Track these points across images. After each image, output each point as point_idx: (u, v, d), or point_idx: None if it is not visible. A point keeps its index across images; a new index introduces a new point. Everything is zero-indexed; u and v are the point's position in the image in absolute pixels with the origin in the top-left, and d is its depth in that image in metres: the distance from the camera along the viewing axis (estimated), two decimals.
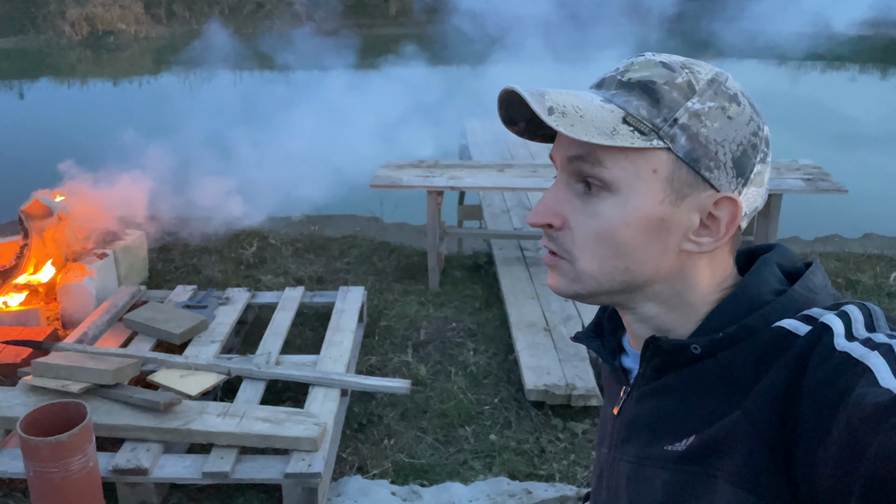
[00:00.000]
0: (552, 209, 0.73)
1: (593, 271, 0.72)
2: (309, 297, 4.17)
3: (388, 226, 6.19)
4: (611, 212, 0.70)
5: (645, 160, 0.68)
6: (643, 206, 0.69)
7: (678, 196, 0.69)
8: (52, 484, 2.32)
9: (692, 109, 0.68)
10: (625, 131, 0.67)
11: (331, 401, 3.10)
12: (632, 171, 0.69)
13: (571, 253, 0.72)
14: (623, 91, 0.70)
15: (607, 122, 0.67)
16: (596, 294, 0.74)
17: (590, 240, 0.71)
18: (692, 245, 0.71)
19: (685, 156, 0.68)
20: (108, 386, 2.96)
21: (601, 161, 0.69)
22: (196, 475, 2.70)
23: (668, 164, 0.68)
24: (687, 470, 0.68)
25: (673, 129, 0.68)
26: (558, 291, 0.76)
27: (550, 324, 3.96)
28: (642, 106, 0.68)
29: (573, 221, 0.72)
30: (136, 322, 3.65)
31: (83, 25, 16.06)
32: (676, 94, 0.69)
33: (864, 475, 0.53)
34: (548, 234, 0.74)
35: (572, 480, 2.97)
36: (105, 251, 4.30)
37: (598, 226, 0.70)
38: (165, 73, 14.48)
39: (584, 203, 0.71)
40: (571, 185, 0.72)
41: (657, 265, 0.71)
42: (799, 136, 8.00)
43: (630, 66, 0.72)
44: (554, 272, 0.75)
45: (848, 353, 0.60)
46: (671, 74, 0.70)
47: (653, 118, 0.68)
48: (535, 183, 4.50)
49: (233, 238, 5.53)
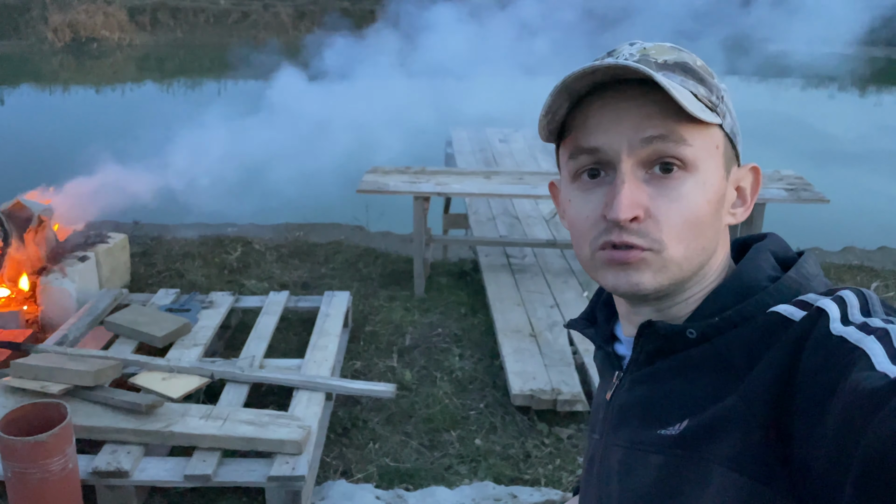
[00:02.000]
0: (635, 201, 0.68)
1: (679, 257, 0.69)
2: (294, 302, 4.14)
3: (372, 234, 6.17)
4: (694, 191, 0.69)
5: (711, 136, 0.70)
6: (715, 181, 0.70)
7: (727, 170, 0.72)
8: (31, 485, 2.28)
9: (723, 87, 0.72)
10: (703, 108, 0.68)
11: (315, 404, 3.07)
12: (707, 147, 0.70)
13: (660, 241, 0.69)
14: (667, 72, 0.69)
15: (691, 98, 0.68)
16: (674, 284, 0.71)
17: (677, 224, 0.69)
18: (731, 217, 0.74)
19: (730, 131, 0.72)
20: (89, 388, 2.91)
21: (685, 138, 0.68)
22: (178, 478, 2.66)
23: (723, 140, 0.72)
24: (680, 454, 0.68)
25: (722, 106, 0.71)
26: (640, 289, 0.70)
27: (536, 330, 3.96)
28: (696, 85, 0.70)
29: (655, 209, 0.69)
30: (117, 324, 3.60)
31: (66, 32, 15.95)
32: (707, 74, 0.71)
33: (860, 459, 0.53)
34: (628, 228, 0.69)
35: (557, 485, 2.96)
36: (86, 254, 4.24)
37: (685, 208, 0.69)
38: (148, 81, 14.40)
39: (660, 188, 0.69)
40: (638, 173, 0.69)
41: (716, 242, 0.73)
42: (780, 151, 8.13)
43: (646, 51, 0.71)
44: (633, 269, 0.70)
45: (844, 338, 0.60)
46: (691, 56, 0.72)
47: (709, 96, 0.70)
48: (522, 190, 4.51)
49: (216, 243, 5.49)
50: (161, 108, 8.61)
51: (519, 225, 5.54)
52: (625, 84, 0.69)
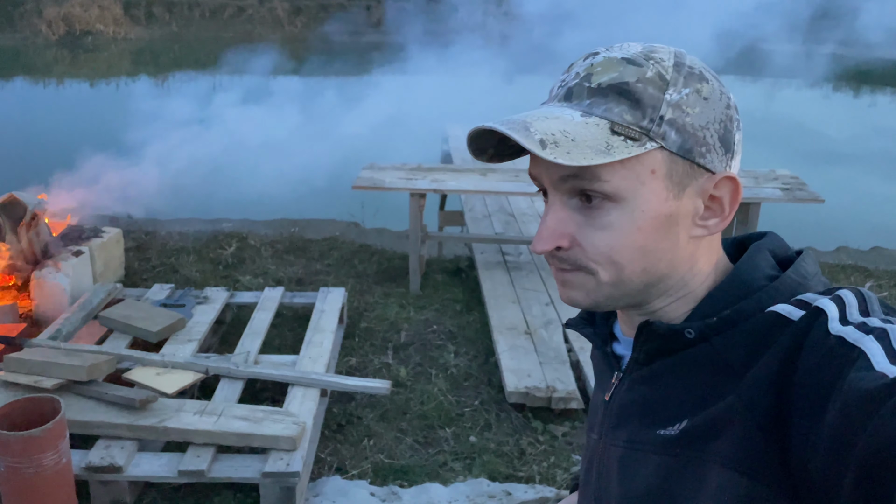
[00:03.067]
0: (557, 231, 0.70)
1: (614, 279, 0.71)
2: (288, 298, 4.13)
3: (367, 230, 6.16)
4: (621, 220, 0.68)
5: (641, 164, 0.67)
6: (650, 207, 0.68)
7: (679, 188, 0.69)
8: (24, 479, 2.26)
9: (672, 101, 0.67)
10: (617, 142, 0.66)
11: (310, 400, 3.06)
12: (631, 177, 0.67)
13: (588, 268, 0.71)
14: (598, 98, 0.68)
15: (598, 138, 0.66)
16: (616, 299, 0.73)
17: (604, 253, 0.69)
18: (701, 230, 0.72)
19: (678, 149, 0.68)
20: (83, 382, 2.90)
21: (598, 175, 0.67)
22: (172, 474, 2.65)
23: (664, 162, 0.68)
24: (679, 454, 0.68)
25: (661, 128, 0.67)
26: (576, 304, 0.74)
27: (531, 327, 3.97)
28: (624, 111, 0.67)
29: (581, 238, 0.70)
30: (111, 319, 3.58)
31: (60, 25, 15.87)
32: (652, 89, 0.67)
33: (858, 458, 0.53)
34: (556, 256, 0.72)
35: (552, 482, 2.96)
36: (81, 248, 4.22)
37: (612, 237, 0.69)
38: (143, 76, 14.34)
39: (588, 217, 0.69)
40: (567, 202, 0.70)
41: (672, 258, 0.71)
42: (774, 150, 8.14)
43: (592, 70, 0.70)
44: (569, 286, 0.73)
45: (842, 337, 0.60)
46: (639, 70, 0.68)
47: (639, 121, 0.67)
48: (518, 187, 4.51)
49: (211, 238, 5.48)
50: (156, 102, 8.57)
51: (514, 222, 5.54)
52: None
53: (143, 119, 7.56)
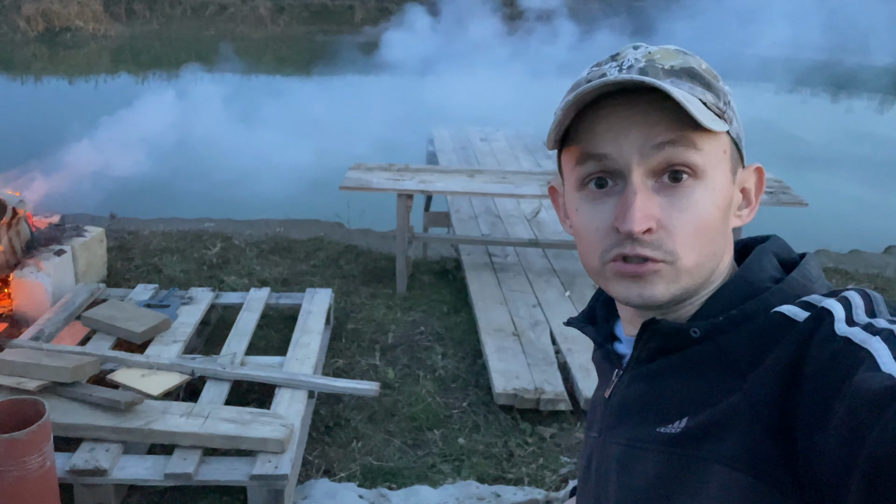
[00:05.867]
0: (647, 213, 0.67)
1: (692, 265, 0.69)
2: (275, 299, 4.10)
3: (352, 231, 6.14)
4: (704, 199, 0.68)
5: (720, 143, 0.70)
6: (724, 187, 0.70)
7: (733, 174, 0.72)
8: (8, 483, 2.22)
9: (728, 91, 0.72)
10: (713, 117, 0.68)
11: (298, 402, 3.04)
12: (716, 153, 0.69)
13: (673, 252, 0.68)
14: (675, 79, 0.69)
15: (702, 107, 0.67)
16: (686, 292, 0.71)
17: (689, 233, 0.68)
18: (737, 220, 0.74)
19: (736, 135, 0.72)
20: (67, 384, 2.85)
21: (696, 144, 0.67)
22: (158, 476, 2.61)
23: (730, 145, 0.71)
24: (680, 453, 0.68)
25: (728, 111, 0.70)
26: (655, 301, 0.70)
27: (519, 329, 3.97)
28: (704, 92, 0.69)
29: (667, 219, 0.68)
30: (95, 320, 3.53)
31: (39, 21, 15.65)
32: (713, 78, 0.71)
33: (865, 460, 0.52)
34: (641, 240, 0.68)
35: (541, 484, 2.96)
36: (63, 248, 4.16)
37: (697, 216, 0.68)
38: (123, 73, 14.18)
39: (671, 198, 0.68)
40: (647, 183, 0.69)
41: (724, 246, 0.72)
42: (756, 154, 8.22)
43: (652, 56, 0.70)
44: (647, 281, 0.69)
45: (849, 338, 0.60)
46: (696, 60, 0.71)
47: (717, 102, 0.69)
48: (505, 189, 4.52)
49: (195, 238, 5.42)
50: (137, 99, 8.47)
51: (501, 224, 5.54)
52: (632, 91, 0.68)
53: (123, 117, 7.48)
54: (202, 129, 7.28)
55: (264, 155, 7.33)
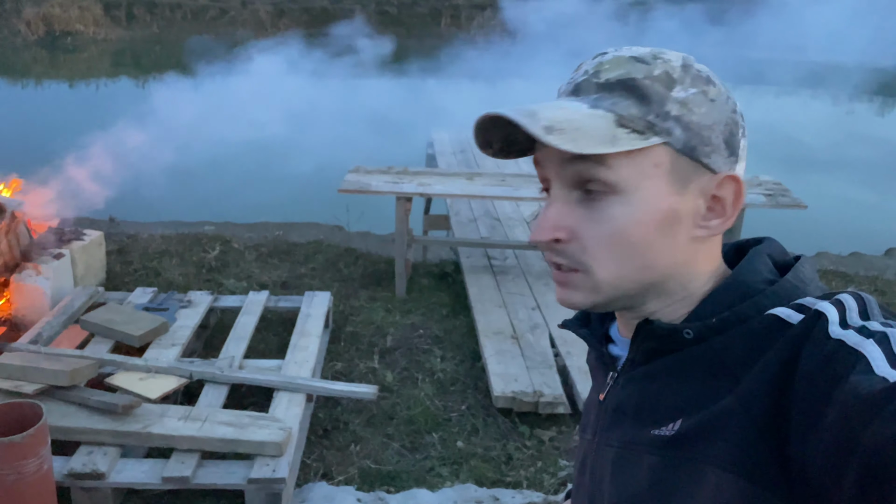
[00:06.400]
0: (556, 223, 0.70)
1: (611, 278, 0.70)
2: (273, 302, 4.09)
3: (352, 234, 6.13)
4: (620, 213, 0.68)
5: (645, 157, 0.68)
6: (651, 201, 0.68)
7: (682, 185, 0.69)
8: (5, 486, 2.22)
9: (679, 99, 0.68)
10: (622, 135, 0.67)
11: (296, 406, 3.03)
12: (635, 170, 0.68)
13: (585, 263, 0.70)
14: (605, 93, 0.69)
15: (604, 129, 0.66)
16: (614, 300, 0.72)
17: (603, 246, 0.69)
18: (703, 231, 0.71)
19: (683, 146, 0.68)
20: (65, 387, 2.85)
21: (605, 161, 0.67)
22: (155, 480, 2.61)
23: (668, 157, 0.68)
24: (674, 455, 0.68)
25: (667, 123, 0.68)
26: (574, 305, 0.73)
27: (518, 332, 3.96)
28: (631, 105, 0.68)
29: (581, 231, 0.70)
30: (93, 323, 3.53)
31: (39, 25, 15.68)
32: (659, 86, 0.68)
33: (858, 462, 0.53)
34: (554, 249, 0.71)
35: (539, 487, 2.96)
36: (62, 251, 4.16)
37: (610, 230, 0.69)
38: (123, 77, 14.20)
39: (589, 210, 0.69)
40: (569, 195, 0.70)
41: (671, 258, 0.71)
42: (756, 157, 8.22)
43: (601, 67, 0.71)
44: (566, 287, 0.72)
45: (842, 341, 0.60)
46: (647, 68, 0.69)
47: (645, 115, 0.68)
48: (504, 191, 4.52)
49: (193, 241, 5.42)
50: (136, 103, 8.49)
51: (500, 226, 5.55)
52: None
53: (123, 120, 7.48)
54: (203, 130, 7.29)
55: (264, 156, 7.33)
